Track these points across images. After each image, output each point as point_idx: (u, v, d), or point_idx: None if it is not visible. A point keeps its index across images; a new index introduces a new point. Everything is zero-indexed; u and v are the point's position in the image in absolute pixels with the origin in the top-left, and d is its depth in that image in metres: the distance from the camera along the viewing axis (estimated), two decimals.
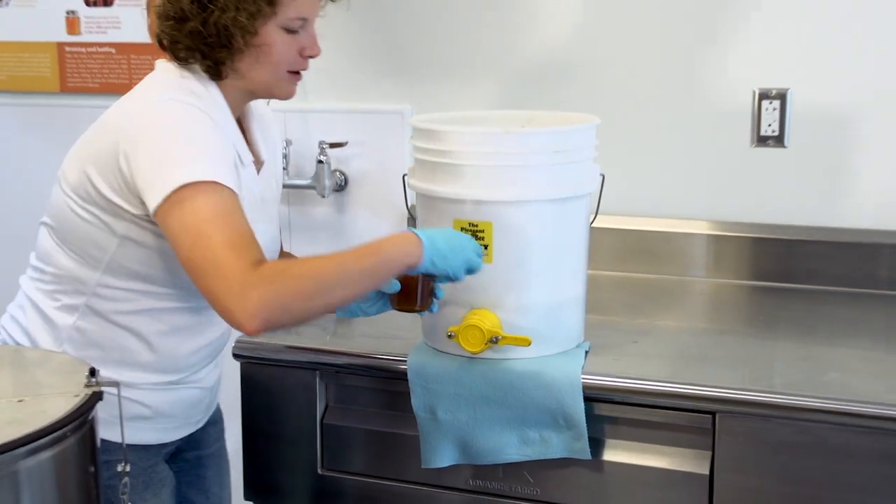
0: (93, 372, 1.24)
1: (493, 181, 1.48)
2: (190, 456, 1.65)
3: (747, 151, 2.04)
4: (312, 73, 2.30)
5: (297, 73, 1.51)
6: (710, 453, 1.47)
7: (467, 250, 1.42)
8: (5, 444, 1.07)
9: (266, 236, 1.50)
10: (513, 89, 2.17)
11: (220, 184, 1.34)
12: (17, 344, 1.53)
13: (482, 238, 1.49)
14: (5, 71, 2.58)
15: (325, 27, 2.27)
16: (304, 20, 1.48)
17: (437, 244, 1.39)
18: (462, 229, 1.50)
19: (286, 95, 1.53)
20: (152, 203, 1.34)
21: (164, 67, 1.49)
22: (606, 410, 1.51)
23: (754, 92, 2.02)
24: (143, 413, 1.52)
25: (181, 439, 1.62)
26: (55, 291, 1.51)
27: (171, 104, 1.41)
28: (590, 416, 1.49)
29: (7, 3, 2.56)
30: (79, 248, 1.47)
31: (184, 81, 1.46)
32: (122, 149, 1.38)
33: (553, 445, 1.51)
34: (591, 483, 1.53)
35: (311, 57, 1.51)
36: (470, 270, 1.43)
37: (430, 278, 1.46)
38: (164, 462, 1.59)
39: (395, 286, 1.45)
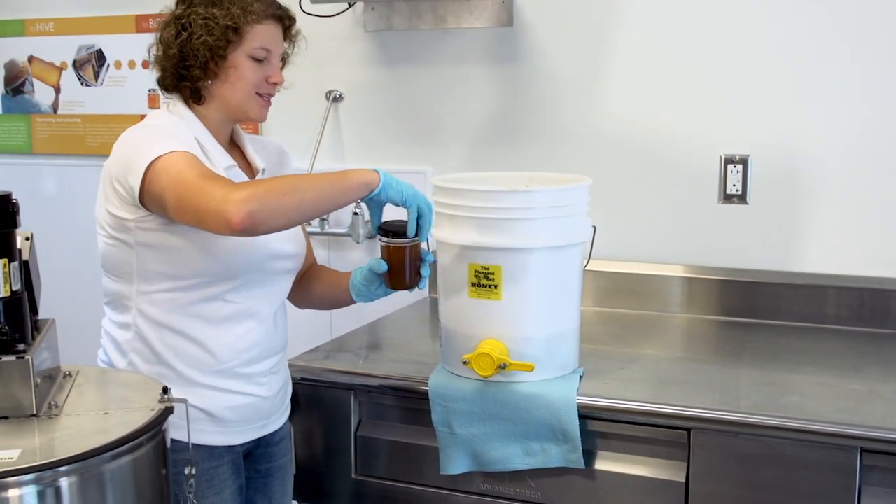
0: (165, 390, 1.24)
1: (501, 231, 1.48)
2: (261, 466, 1.61)
3: (715, 207, 2.04)
4: (350, 138, 2.36)
5: (265, 98, 1.52)
6: (685, 464, 1.46)
7: (419, 192, 1.44)
8: (93, 450, 1.08)
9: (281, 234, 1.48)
10: (516, 153, 2.18)
11: (181, 151, 1.38)
12: (103, 365, 1.53)
13: (492, 279, 1.49)
14: (98, 138, 2.63)
15: (364, 104, 2.31)
16: (268, 51, 1.49)
17: (393, 176, 1.42)
18: (475, 272, 1.50)
19: (258, 117, 1.52)
20: (137, 190, 1.38)
21: (151, 112, 1.55)
22: (598, 426, 1.50)
23: (721, 157, 2.02)
24: (204, 417, 1.48)
25: (248, 444, 1.56)
26: (114, 315, 1.52)
27: (138, 128, 1.47)
28: (583, 432, 1.48)
29: (101, 83, 2.61)
30: (115, 270, 1.48)
31: (162, 115, 1.50)
32: (112, 174, 1.43)
33: (552, 456, 1.50)
34: (584, 488, 1.51)
35: (276, 84, 1.52)
36: (420, 212, 1.44)
37: (416, 259, 1.48)
38: (235, 466, 1.53)
39: (383, 266, 1.49)
